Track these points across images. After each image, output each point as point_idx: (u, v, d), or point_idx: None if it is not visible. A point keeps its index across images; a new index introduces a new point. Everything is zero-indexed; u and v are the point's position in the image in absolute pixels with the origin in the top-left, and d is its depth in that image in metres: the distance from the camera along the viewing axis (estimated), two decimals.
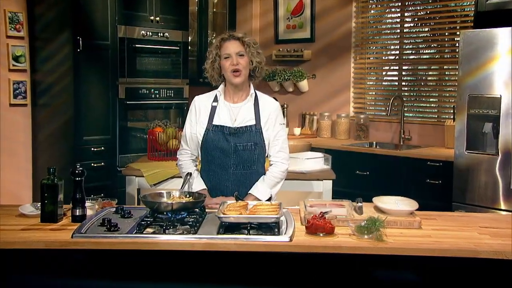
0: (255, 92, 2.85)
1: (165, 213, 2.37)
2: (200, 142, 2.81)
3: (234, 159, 2.77)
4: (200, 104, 2.85)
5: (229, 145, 2.75)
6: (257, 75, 2.82)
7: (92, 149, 4.74)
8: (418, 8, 5.21)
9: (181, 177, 2.88)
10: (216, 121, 2.79)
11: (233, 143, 2.75)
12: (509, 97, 3.81)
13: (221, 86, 2.86)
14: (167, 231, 2.22)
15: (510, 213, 3.56)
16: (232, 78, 2.75)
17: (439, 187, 4.32)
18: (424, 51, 5.22)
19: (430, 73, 5.23)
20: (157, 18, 5.06)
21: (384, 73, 5.58)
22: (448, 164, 4.20)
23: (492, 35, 3.87)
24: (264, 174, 2.85)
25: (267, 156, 2.90)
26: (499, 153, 3.86)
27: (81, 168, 2.42)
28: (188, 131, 2.87)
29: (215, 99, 2.84)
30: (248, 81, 2.84)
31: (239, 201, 2.54)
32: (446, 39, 5.08)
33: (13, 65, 4.59)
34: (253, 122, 2.79)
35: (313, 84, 5.92)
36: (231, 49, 2.74)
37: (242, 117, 2.79)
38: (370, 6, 5.53)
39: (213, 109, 2.81)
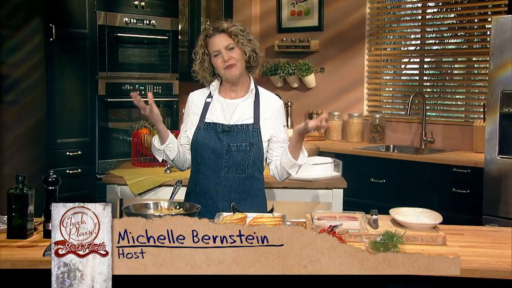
0: (256, 87, 2.87)
1: None
2: (190, 142, 2.85)
3: (226, 161, 2.79)
4: (193, 101, 2.91)
5: (222, 145, 2.78)
6: (253, 64, 2.86)
7: (68, 153, 4.74)
8: None
9: (170, 185, 2.88)
10: (208, 119, 2.83)
11: (226, 142, 2.78)
12: None
13: (215, 81, 2.89)
14: None
15: None
16: (228, 74, 2.78)
17: (467, 197, 4.32)
18: (449, 41, 5.23)
19: (457, 66, 5.23)
20: (142, 3, 5.06)
21: (403, 66, 5.59)
22: (478, 170, 4.20)
23: None
24: (260, 180, 2.87)
25: (268, 164, 2.90)
26: None
27: (54, 176, 2.42)
28: (181, 130, 2.95)
29: (210, 95, 2.89)
30: (247, 73, 2.87)
31: (237, 213, 2.54)
32: (475, 27, 5.09)
33: None
34: (251, 120, 2.81)
35: (321, 79, 5.92)
36: (219, 45, 2.76)
37: (239, 114, 2.82)
38: None
39: (206, 105, 2.86)
